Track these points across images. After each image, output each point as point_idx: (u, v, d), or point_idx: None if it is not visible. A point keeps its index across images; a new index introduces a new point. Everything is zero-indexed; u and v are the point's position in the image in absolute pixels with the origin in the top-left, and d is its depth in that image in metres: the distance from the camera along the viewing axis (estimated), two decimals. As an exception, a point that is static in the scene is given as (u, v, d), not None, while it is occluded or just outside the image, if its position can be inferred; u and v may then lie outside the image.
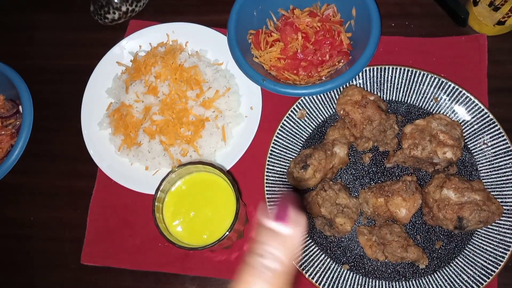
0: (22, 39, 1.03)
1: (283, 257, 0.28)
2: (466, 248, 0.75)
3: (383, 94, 0.84)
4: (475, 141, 0.80)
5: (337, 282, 0.75)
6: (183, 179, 0.66)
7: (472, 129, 0.80)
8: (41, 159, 0.92)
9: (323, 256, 0.77)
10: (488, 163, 0.78)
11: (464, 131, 0.80)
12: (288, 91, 0.78)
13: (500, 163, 0.77)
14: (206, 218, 0.65)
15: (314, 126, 0.84)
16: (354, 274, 0.76)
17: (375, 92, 0.84)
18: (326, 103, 0.84)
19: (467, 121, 0.80)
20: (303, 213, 0.31)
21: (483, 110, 0.79)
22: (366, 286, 0.75)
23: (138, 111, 0.85)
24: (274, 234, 0.29)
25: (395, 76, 0.83)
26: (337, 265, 0.76)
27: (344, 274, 0.76)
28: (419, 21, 0.92)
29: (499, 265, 0.72)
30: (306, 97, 0.83)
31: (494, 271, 0.72)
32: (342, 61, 0.85)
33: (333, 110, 0.84)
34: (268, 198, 0.79)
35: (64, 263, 0.85)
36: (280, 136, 0.82)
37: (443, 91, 0.81)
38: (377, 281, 0.75)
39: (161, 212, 0.63)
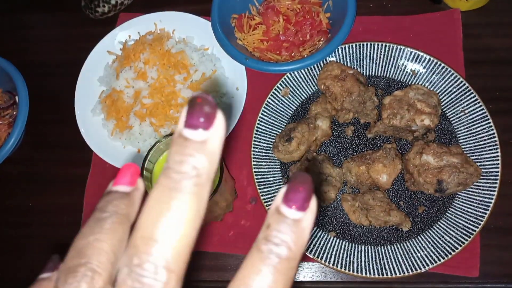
0: (17, 37, 1.07)
1: (293, 244, 0.23)
2: (448, 211, 0.78)
3: (363, 70, 0.87)
4: (453, 109, 0.83)
5: (324, 248, 0.77)
6: (170, 150, 0.69)
7: (450, 98, 0.83)
8: (37, 149, 0.96)
9: (310, 224, 0.80)
10: (466, 129, 0.81)
11: (442, 100, 0.83)
12: (270, 68, 0.82)
13: (478, 129, 0.80)
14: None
15: (298, 103, 0.87)
16: (341, 241, 0.78)
17: (355, 68, 0.87)
18: (308, 80, 0.87)
19: (445, 91, 0.83)
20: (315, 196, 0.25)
21: (459, 79, 0.82)
22: (352, 251, 0.77)
23: (129, 96, 0.89)
24: (285, 219, 0.24)
25: (373, 52, 0.86)
26: (324, 232, 0.79)
27: (331, 241, 0.78)
28: (396, 0, 0.96)
29: (479, 224, 0.75)
30: (289, 76, 0.87)
31: (474, 231, 0.74)
32: (322, 40, 0.89)
33: (316, 87, 0.88)
34: (255, 172, 0.82)
35: (62, 246, 0.88)
36: (265, 113, 0.86)
37: (420, 63, 0.85)
38: (363, 246, 0.78)
39: (150, 181, 0.66)
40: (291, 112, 0.87)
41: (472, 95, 0.81)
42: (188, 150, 0.22)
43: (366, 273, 0.75)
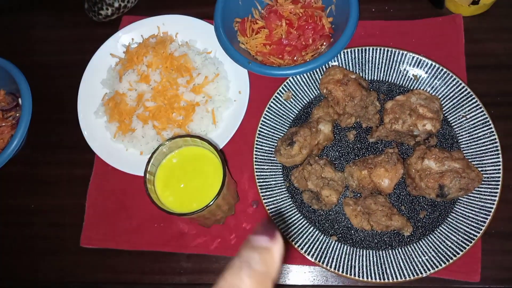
0: (20, 38, 1.08)
1: (265, 264, 0.30)
2: (449, 216, 0.78)
3: (365, 74, 0.88)
4: (455, 114, 0.83)
5: (326, 252, 0.77)
6: (173, 153, 0.70)
7: (451, 103, 0.83)
8: (40, 150, 0.96)
9: (311, 228, 0.80)
10: (468, 134, 0.82)
11: (443, 105, 0.84)
12: (273, 72, 0.82)
13: (479, 134, 0.81)
14: (195, 189, 0.68)
15: (300, 107, 0.88)
16: (342, 245, 0.78)
17: (357, 72, 0.87)
18: (310, 84, 0.88)
19: (446, 96, 0.84)
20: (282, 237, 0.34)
21: (461, 84, 0.83)
22: (354, 255, 0.77)
23: (132, 99, 0.89)
24: (256, 249, 0.31)
25: (375, 57, 0.87)
26: (325, 236, 0.79)
27: (332, 245, 0.78)
28: (398, 5, 0.96)
29: (481, 229, 0.75)
30: (291, 80, 0.87)
31: (476, 236, 0.75)
32: (324, 44, 0.89)
33: (318, 91, 0.88)
34: (257, 176, 0.82)
35: (64, 247, 0.88)
36: (267, 117, 0.86)
37: (422, 68, 0.85)
38: (364, 251, 0.78)
39: (153, 184, 0.67)
40: (293, 116, 0.87)
41: (473, 100, 0.82)
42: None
43: (367, 278, 0.75)
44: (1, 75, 0.96)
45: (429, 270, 0.74)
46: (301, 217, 0.81)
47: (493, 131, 0.80)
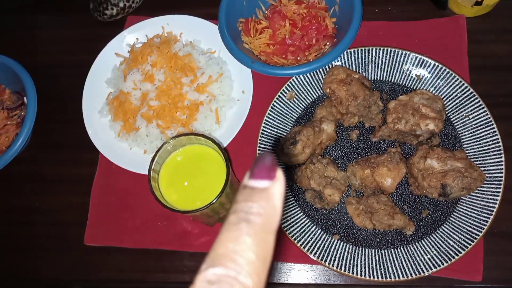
0: (26, 38, 1.09)
1: (265, 213, 0.25)
2: (452, 215, 0.78)
3: (368, 74, 0.88)
4: (457, 114, 0.83)
5: (328, 250, 0.78)
6: (177, 151, 0.70)
7: (454, 103, 0.84)
8: (44, 149, 0.97)
9: (314, 227, 0.80)
10: (470, 134, 0.82)
11: (446, 105, 0.84)
12: (276, 72, 0.83)
13: (482, 134, 0.81)
14: (199, 187, 0.68)
15: (303, 107, 0.88)
16: (345, 244, 0.79)
17: (361, 72, 0.88)
18: (314, 84, 0.88)
19: (449, 96, 0.84)
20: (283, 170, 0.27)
21: (463, 84, 0.83)
22: (356, 254, 0.78)
23: (136, 98, 0.90)
24: (254, 191, 0.25)
25: (378, 57, 0.87)
26: (328, 235, 0.80)
27: (335, 244, 0.79)
28: (401, 6, 0.97)
29: (483, 229, 0.75)
30: (295, 79, 0.87)
31: (478, 235, 0.75)
32: (327, 44, 0.89)
33: (321, 91, 0.88)
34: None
35: (68, 245, 0.89)
36: (270, 116, 0.86)
37: (425, 68, 0.86)
38: (366, 250, 0.78)
39: (157, 182, 0.67)
40: (297, 116, 0.88)
41: (476, 100, 0.82)
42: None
43: (369, 276, 0.75)
44: (7, 74, 0.97)
45: (431, 269, 0.74)
46: (304, 216, 0.81)
47: (495, 131, 0.80)
